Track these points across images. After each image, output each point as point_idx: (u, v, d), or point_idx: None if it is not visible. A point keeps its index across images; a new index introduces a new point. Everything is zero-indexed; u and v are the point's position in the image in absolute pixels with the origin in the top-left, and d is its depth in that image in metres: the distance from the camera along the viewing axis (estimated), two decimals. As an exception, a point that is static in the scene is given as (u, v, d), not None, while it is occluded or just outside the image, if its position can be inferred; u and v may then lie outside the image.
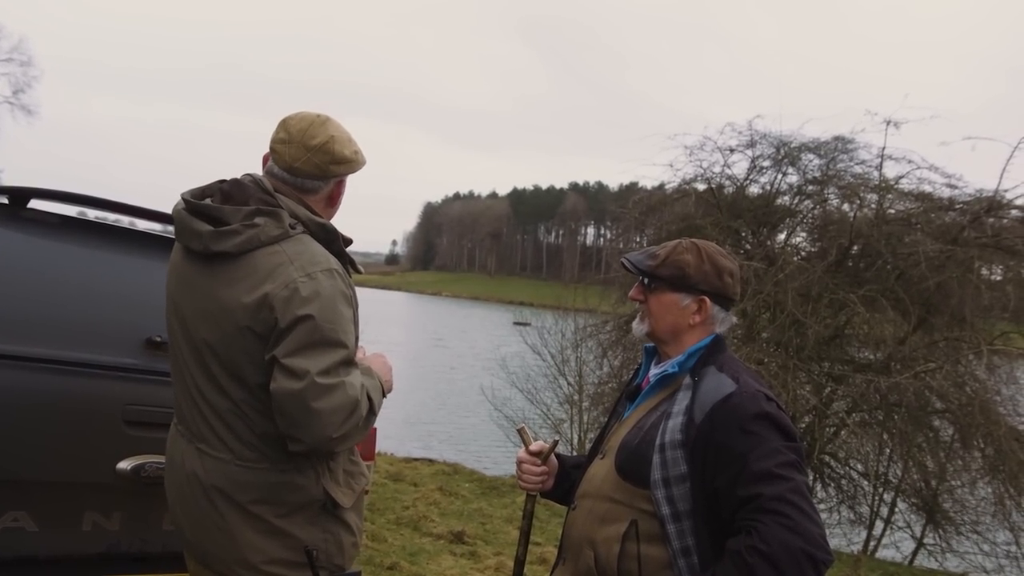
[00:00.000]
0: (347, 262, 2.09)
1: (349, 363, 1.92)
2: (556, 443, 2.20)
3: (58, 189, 2.67)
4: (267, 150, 2.09)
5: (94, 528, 2.39)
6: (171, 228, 2.94)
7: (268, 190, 2.00)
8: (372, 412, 1.96)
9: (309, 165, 2.02)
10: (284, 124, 2.05)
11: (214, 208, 1.96)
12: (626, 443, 1.95)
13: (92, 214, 3.02)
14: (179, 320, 2.02)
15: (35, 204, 2.66)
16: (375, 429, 2.95)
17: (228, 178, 2.06)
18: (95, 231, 2.71)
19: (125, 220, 2.99)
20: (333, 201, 2.14)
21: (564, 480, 2.21)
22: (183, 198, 2.03)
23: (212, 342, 1.94)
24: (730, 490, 1.75)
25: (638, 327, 2.05)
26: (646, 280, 2.01)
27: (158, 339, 2.53)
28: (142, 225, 3.00)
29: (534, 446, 2.20)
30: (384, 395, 2.11)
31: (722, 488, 1.76)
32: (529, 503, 2.22)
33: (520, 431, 2.33)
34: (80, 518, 2.37)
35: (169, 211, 2.14)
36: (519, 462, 2.21)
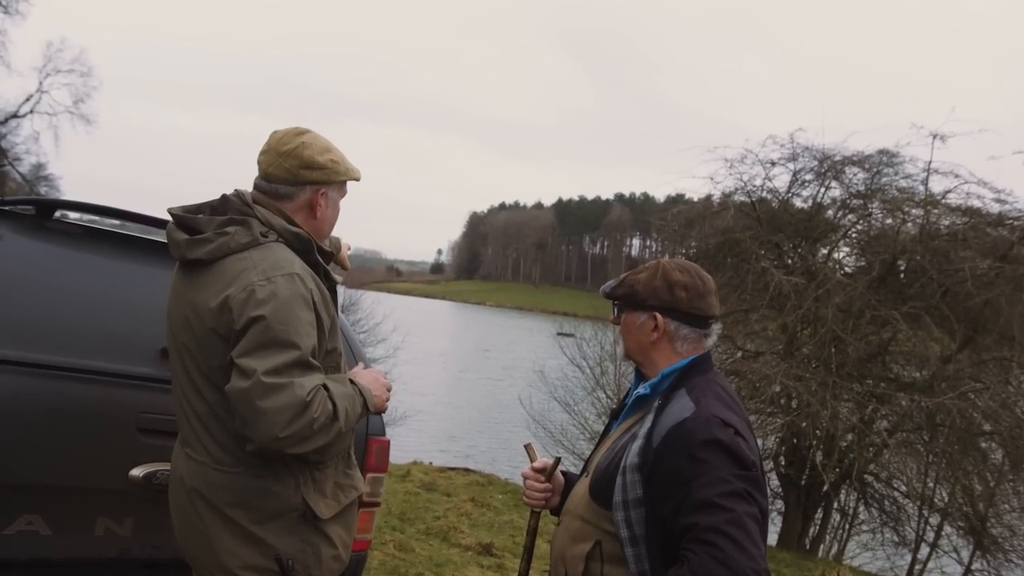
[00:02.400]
0: (322, 273, 2.10)
1: (303, 364, 1.90)
2: (559, 460, 2.20)
3: (84, 201, 2.75)
4: None
5: (106, 533, 2.44)
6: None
7: (247, 202, 2.09)
8: (336, 419, 1.92)
9: (280, 170, 2.10)
10: (269, 137, 2.16)
11: (191, 219, 2.07)
12: (599, 464, 1.96)
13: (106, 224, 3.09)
14: (169, 327, 2.11)
15: (61, 215, 2.74)
16: (387, 441, 2.96)
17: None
18: (116, 242, 2.77)
19: (148, 231, 3.05)
20: (314, 211, 2.14)
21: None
22: (169, 211, 2.13)
23: (189, 346, 2.02)
24: (674, 517, 1.73)
25: (618, 349, 2.11)
26: (614, 304, 2.06)
27: (173, 349, 2.58)
28: (161, 236, 3.06)
29: (538, 463, 2.21)
30: (369, 411, 2.09)
31: (667, 515, 1.75)
32: (533, 519, 2.22)
33: (527, 447, 2.34)
34: (93, 523, 2.42)
35: None
36: (524, 478, 2.22)
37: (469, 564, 6.08)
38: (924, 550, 10.20)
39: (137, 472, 2.43)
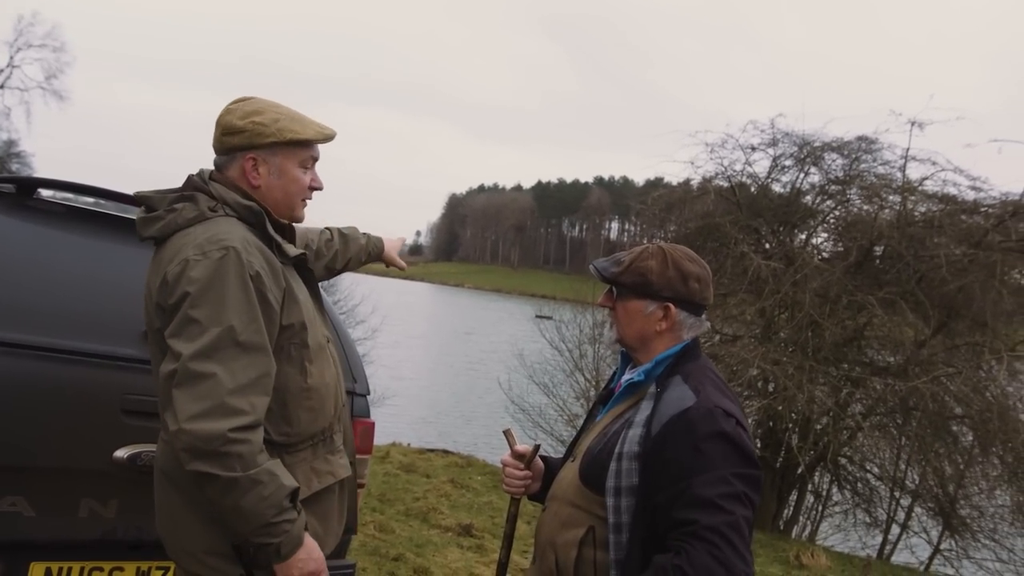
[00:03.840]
0: (274, 246, 2.01)
1: (234, 344, 1.82)
2: (538, 447, 2.18)
3: (65, 179, 2.71)
4: None
5: (90, 515, 2.42)
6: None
7: (205, 179, 2.05)
8: (246, 471, 1.77)
9: (215, 141, 2.08)
10: None
11: (146, 198, 2.04)
12: (590, 449, 1.95)
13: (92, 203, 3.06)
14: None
15: (42, 193, 2.71)
16: (372, 423, 2.97)
17: None
18: (99, 221, 2.73)
19: (130, 210, 3.02)
20: (248, 180, 2.04)
21: (550, 483, 2.19)
22: (135, 194, 2.10)
23: (150, 325, 1.99)
24: (668, 508, 1.73)
25: (608, 334, 2.04)
26: (612, 288, 1.99)
27: (158, 329, 2.56)
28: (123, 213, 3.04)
29: (518, 448, 2.19)
30: (272, 542, 1.84)
31: (661, 504, 1.75)
32: (513, 506, 2.21)
33: (506, 433, 2.31)
34: (77, 504, 2.40)
35: None
36: (503, 465, 2.20)
37: (449, 545, 6.11)
38: (895, 531, 10.41)
39: (121, 453, 2.42)
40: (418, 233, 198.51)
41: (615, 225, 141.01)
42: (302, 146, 2.07)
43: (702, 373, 1.89)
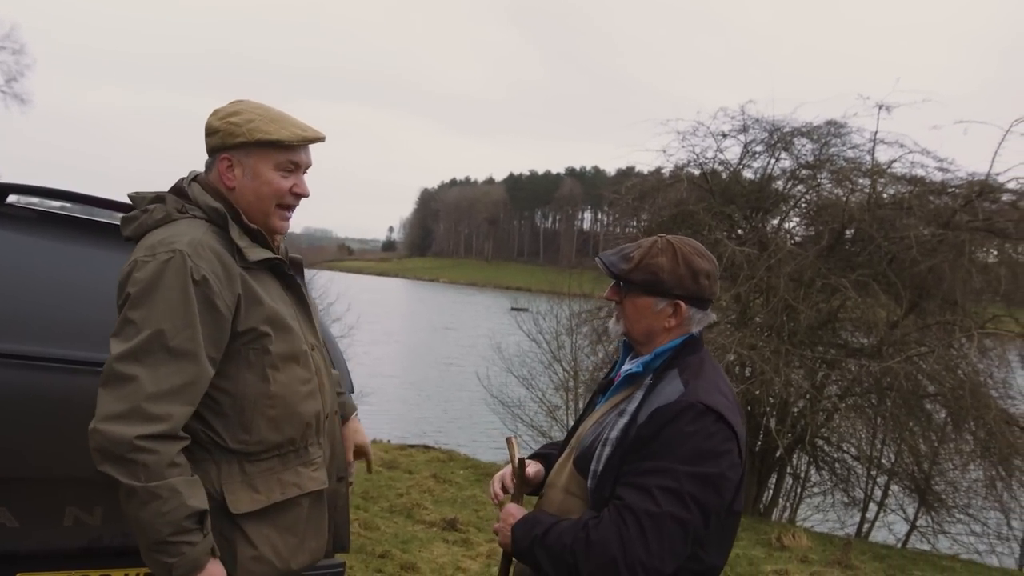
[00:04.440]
0: (235, 250, 1.96)
1: (160, 348, 1.80)
2: (523, 461, 2.12)
3: (38, 185, 2.66)
4: None
5: (76, 523, 2.39)
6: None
7: (187, 181, 2.06)
8: (147, 484, 1.75)
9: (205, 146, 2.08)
10: None
11: (132, 198, 2.08)
12: (585, 438, 1.96)
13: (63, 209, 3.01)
14: None
15: (14, 199, 2.66)
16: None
17: None
18: (73, 226, 2.69)
19: (105, 215, 2.98)
20: (223, 181, 2.02)
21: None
22: (129, 193, 2.12)
23: None
24: (619, 480, 1.79)
25: (614, 327, 2.02)
26: (621, 282, 1.98)
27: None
28: (112, 218, 3.00)
29: (521, 460, 2.12)
30: (162, 543, 1.79)
31: (620, 476, 1.80)
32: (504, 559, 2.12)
33: (508, 441, 2.25)
34: (62, 513, 2.37)
35: None
36: (492, 484, 2.18)
37: (435, 540, 6.12)
38: (872, 509, 10.58)
39: (106, 460, 2.39)
40: (391, 229, 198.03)
41: (588, 215, 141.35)
42: (276, 148, 2.01)
43: (699, 367, 1.90)
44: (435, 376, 26.32)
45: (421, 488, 7.77)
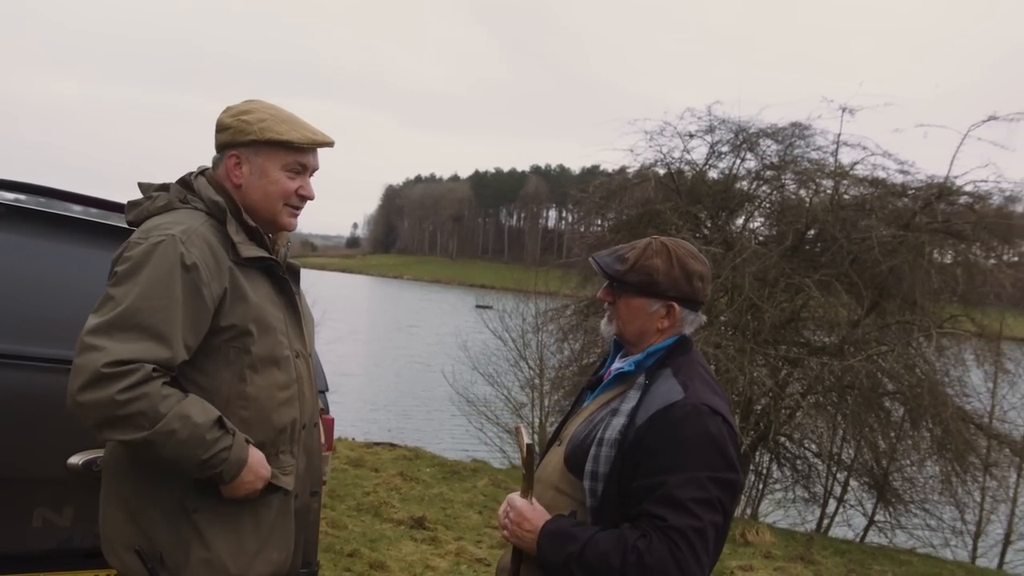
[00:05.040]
0: (229, 245, 1.96)
1: (131, 328, 1.79)
2: (532, 448, 2.01)
3: (6, 179, 2.60)
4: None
5: (44, 524, 2.35)
6: (115, 216, 2.91)
7: (193, 174, 2.08)
8: (154, 423, 1.75)
9: (214, 141, 2.10)
10: None
11: (140, 187, 2.11)
12: (575, 435, 1.95)
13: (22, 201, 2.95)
14: None
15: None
16: (331, 419, 2.94)
17: None
18: (41, 221, 2.63)
19: (73, 209, 2.93)
20: (230, 178, 2.04)
21: None
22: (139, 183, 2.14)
23: None
24: (641, 498, 1.76)
25: (606, 328, 2.02)
26: (615, 283, 1.98)
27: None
28: (78, 212, 2.95)
29: (530, 447, 2.01)
30: (217, 471, 1.84)
31: (635, 492, 1.77)
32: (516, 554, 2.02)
33: (517, 430, 2.18)
34: (30, 514, 2.33)
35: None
36: (509, 508, 1.98)
37: (403, 538, 6.10)
38: (832, 505, 10.78)
39: (76, 459, 2.34)
40: (355, 225, 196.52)
41: (552, 214, 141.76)
42: (285, 148, 2.02)
43: (692, 367, 1.91)
44: (400, 374, 26.20)
45: (388, 486, 7.73)
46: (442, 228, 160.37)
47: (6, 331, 2.34)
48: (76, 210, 2.96)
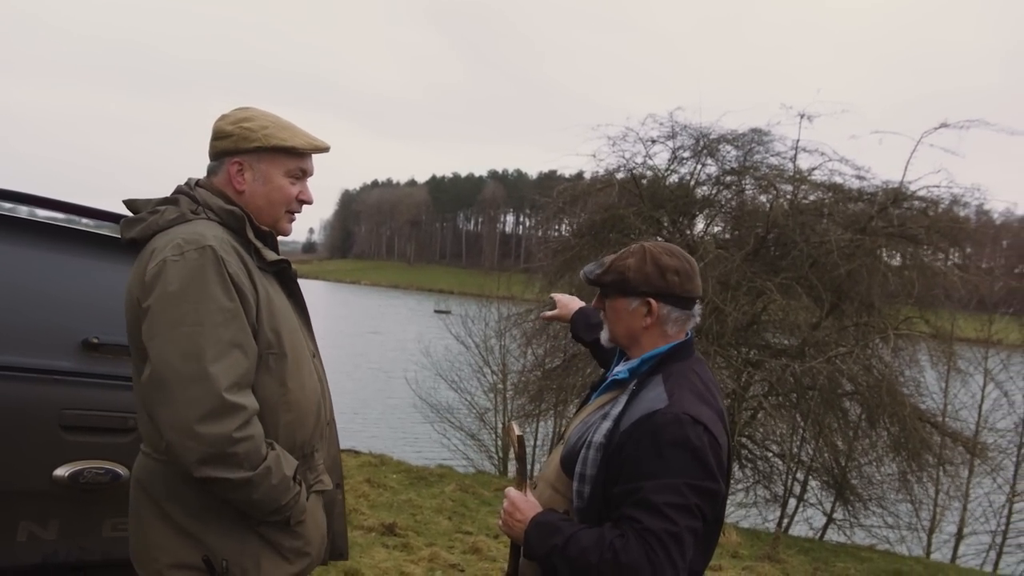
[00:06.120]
0: (252, 250, 1.99)
1: (217, 342, 1.81)
2: (522, 440, 2.12)
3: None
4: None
5: (29, 538, 2.30)
6: (99, 224, 2.86)
7: (191, 185, 2.06)
8: (264, 460, 1.83)
9: (209, 148, 2.08)
10: None
11: (131, 203, 2.05)
12: (571, 436, 2.01)
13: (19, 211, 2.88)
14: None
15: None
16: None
17: None
18: (24, 229, 2.58)
19: (57, 217, 2.88)
20: (233, 185, 2.04)
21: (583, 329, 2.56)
22: (124, 201, 2.08)
23: (129, 328, 1.94)
24: (620, 501, 1.80)
25: (603, 336, 2.07)
26: (600, 289, 2.04)
27: (95, 340, 2.45)
28: (76, 223, 2.89)
29: (520, 439, 2.11)
30: (278, 509, 1.92)
31: (614, 497, 1.82)
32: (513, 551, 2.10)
33: (507, 427, 2.27)
34: (15, 528, 2.28)
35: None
36: (507, 498, 2.04)
37: (374, 545, 6.06)
38: (792, 505, 10.98)
39: (62, 472, 2.31)
40: (311, 231, 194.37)
41: (510, 218, 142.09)
42: (288, 154, 2.05)
43: (684, 375, 1.93)
44: (362, 380, 26.00)
45: (356, 493, 7.67)
46: (399, 233, 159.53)
47: None
48: (60, 218, 2.91)
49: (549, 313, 2.72)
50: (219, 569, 1.87)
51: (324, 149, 2.12)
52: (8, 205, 2.72)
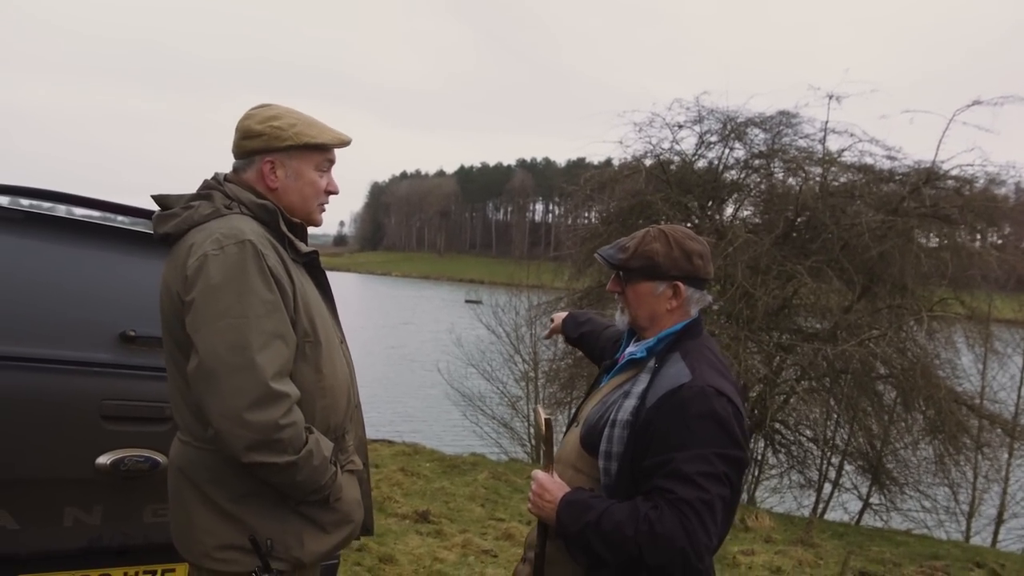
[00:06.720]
0: (287, 244, 2.06)
1: (261, 332, 1.87)
2: (549, 423, 2.14)
3: (21, 185, 2.64)
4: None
5: (75, 523, 2.39)
6: (133, 222, 2.95)
7: (219, 180, 2.11)
8: (306, 444, 1.91)
9: (234, 146, 2.13)
10: None
11: (163, 198, 2.11)
12: (590, 416, 2.05)
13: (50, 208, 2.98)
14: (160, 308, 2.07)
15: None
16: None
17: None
18: (60, 227, 2.67)
19: (94, 215, 2.97)
20: (265, 182, 2.10)
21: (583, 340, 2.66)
22: (152, 196, 2.14)
23: (166, 321, 2.01)
24: (650, 473, 1.85)
25: (620, 319, 2.12)
26: (620, 273, 2.08)
27: (132, 333, 2.53)
28: (107, 220, 2.97)
29: (548, 422, 2.13)
30: (317, 490, 2.00)
31: (645, 469, 1.86)
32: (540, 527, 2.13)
33: (536, 411, 2.33)
34: (61, 514, 2.37)
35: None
36: (534, 481, 2.07)
37: (408, 532, 6.16)
38: (827, 489, 10.90)
39: (104, 460, 2.39)
40: (342, 224, 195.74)
41: (540, 207, 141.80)
42: (318, 150, 2.13)
43: (700, 351, 1.99)
44: (395, 370, 26.21)
45: (390, 481, 7.78)
46: (429, 224, 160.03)
47: (31, 335, 2.38)
48: (95, 215, 3.00)
49: (547, 331, 2.90)
50: (264, 548, 1.94)
51: (348, 143, 2.19)
52: (48, 204, 2.82)
